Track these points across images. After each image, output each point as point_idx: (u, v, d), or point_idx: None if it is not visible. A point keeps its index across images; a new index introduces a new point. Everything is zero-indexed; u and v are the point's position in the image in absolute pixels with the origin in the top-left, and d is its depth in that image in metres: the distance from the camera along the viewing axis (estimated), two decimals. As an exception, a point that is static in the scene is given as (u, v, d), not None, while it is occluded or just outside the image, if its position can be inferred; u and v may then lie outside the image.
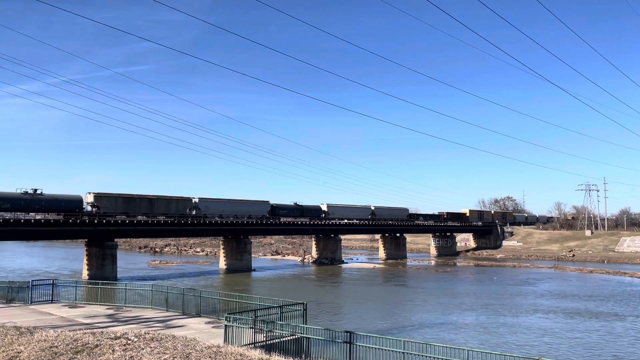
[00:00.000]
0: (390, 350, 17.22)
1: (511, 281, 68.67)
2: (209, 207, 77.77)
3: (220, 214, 79.08)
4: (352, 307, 46.90)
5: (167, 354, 15.55)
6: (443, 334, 34.69)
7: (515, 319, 41.37)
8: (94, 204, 66.25)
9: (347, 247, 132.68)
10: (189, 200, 76.06)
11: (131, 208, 69.22)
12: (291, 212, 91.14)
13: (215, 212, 78.56)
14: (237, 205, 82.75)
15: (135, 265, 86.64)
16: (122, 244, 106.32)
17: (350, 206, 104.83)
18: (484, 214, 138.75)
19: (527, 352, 28.80)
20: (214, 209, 78.59)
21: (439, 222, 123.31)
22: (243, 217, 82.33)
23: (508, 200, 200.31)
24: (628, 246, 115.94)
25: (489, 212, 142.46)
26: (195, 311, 27.61)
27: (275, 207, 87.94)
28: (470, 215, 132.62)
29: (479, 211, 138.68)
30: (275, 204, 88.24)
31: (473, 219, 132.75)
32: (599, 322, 40.40)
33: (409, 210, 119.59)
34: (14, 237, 64.09)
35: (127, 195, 69.81)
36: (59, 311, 29.19)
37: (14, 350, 16.81)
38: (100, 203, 66.41)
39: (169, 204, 73.16)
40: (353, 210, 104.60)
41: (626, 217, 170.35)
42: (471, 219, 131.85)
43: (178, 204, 74.35)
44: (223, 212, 79.51)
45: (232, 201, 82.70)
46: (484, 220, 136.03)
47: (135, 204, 69.66)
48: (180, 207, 74.45)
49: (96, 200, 66.40)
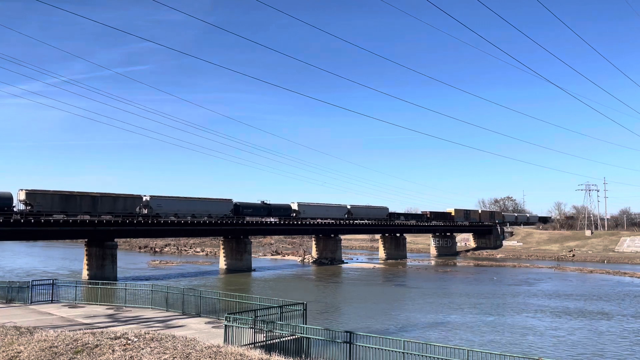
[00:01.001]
0: (390, 350, 17.22)
1: (511, 281, 68.69)
2: (162, 205, 72.90)
3: (175, 213, 74.53)
4: (352, 307, 46.90)
5: (167, 354, 15.55)
6: (441, 334, 34.70)
7: (504, 318, 41.58)
8: (27, 201, 60.89)
9: (347, 247, 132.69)
10: (138, 198, 71.01)
11: (71, 207, 63.79)
12: (257, 211, 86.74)
13: (169, 211, 73.88)
14: (195, 204, 77.89)
15: (135, 265, 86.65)
16: (122, 244, 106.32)
17: (324, 205, 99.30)
18: (470, 213, 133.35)
19: (525, 352, 28.83)
20: (168, 207, 73.80)
21: (421, 222, 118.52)
22: (202, 216, 77.89)
23: (508, 200, 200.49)
24: (628, 246, 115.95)
25: (475, 212, 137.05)
26: (195, 311, 27.60)
27: (239, 206, 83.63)
28: (456, 215, 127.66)
29: (464, 210, 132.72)
30: (239, 203, 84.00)
31: (459, 218, 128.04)
32: (585, 321, 40.75)
33: (388, 209, 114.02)
34: (14, 237, 64.08)
35: (65, 193, 64.40)
36: (58, 311, 29.18)
37: (14, 350, 16.81)
38: (33, 201, 61.00)
39: (115, 202, 68.07)
40: (327, 209, 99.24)
41: (626, 217, 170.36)
42: (456, 219, 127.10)
43: (126, 202, 69.20)
44: (178, 211, 74.98)
45: (188, 199, 77.77)
46: (471, 219, 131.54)
47: (75, 202, 64.31)
48: (129, 206, 69.32)
49: (28, 197, 60.94)
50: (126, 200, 69.46)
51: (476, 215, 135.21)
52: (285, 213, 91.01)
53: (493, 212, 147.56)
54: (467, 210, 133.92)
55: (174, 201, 75.31)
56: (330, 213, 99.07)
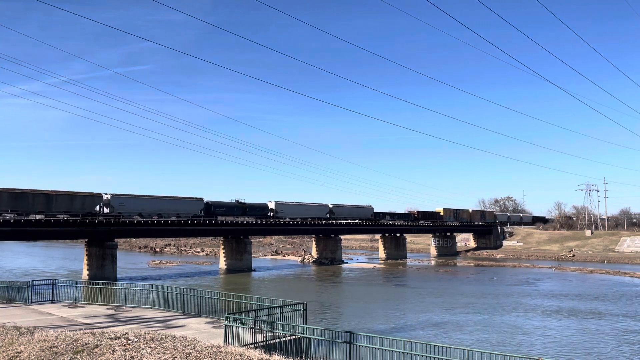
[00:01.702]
0: (390, 350, 17.22)
1: (510, 281, 68.70)
2: (125, 204, 69.34)
3: (139, 213, 71.06)
4: (352, 307, 46.91)
5: (167, 354, 15.55)
6: (440, 333, 34.73)
7: (501, 317, 41.62)
8: None
9: (347, 247, 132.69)
10: (98, 197, 67.26)
11: (22, 205, 60.25)
12: (230, 211, 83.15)
13: (132, 210, 70.40)
14: (162, 203, 74.12)
15: (135, 265, 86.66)
16: (122, 244, 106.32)
17: (303, 204, 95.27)
18: (460, 213, 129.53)
19: (524, 352, 28.83)
20: (131, 206, 70.18)
21: (409, 221, 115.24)
22: (169, 216, 74.51)
23: (508, 200, 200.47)
24: (628, 246, 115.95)
25: (466, 211, 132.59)
26: (195, 311, 27.60)
27: (210, 205, 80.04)
28: (445, 214, 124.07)
29: (454, 210, 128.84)
30: (210, 202, 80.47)
31: (448, 218, 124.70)
32: (576, 321, 40.99)
33: (373, 208, 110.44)
34: (14, 237, 64.09)
35: (15, 191, 60.43)
36: (59, 311, 29.19)
37: (14, 350, 16.81)
38: None
39: (72, 200, 64.15)
40: (307, 208, 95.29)
41: (626, 217, 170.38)
42: (445, 218, 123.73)
43: (84, 201, 65.30)
44: (143, 211, 71.44)
45: (154, 198, 73.83)
46: (461, 219, 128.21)
47: (27, 200, 60.70)
48: (87, 205, 65.69)
49: None
50: (84, 198, 65.62)
51: (466, 214, 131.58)
52: (262, 212, 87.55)
53: (484, 211, 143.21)
54: (457, 209, 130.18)
55: (138, 200, 71.51)
56: (310, 212, 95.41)
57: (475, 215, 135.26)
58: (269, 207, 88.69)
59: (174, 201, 76.14)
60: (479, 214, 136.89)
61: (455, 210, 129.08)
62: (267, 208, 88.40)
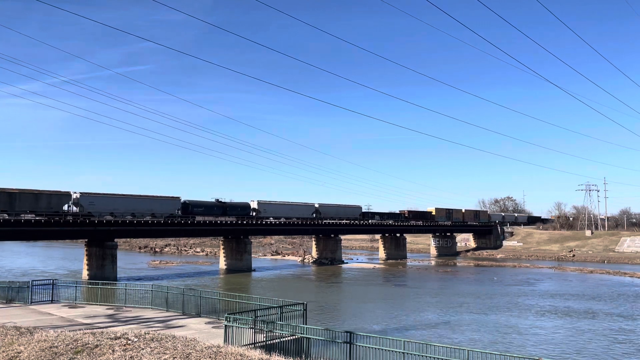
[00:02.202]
0: (390, 351, 17.22)
1: (510, 281, 68.68)
2: (95, 203, 66.41)
3: (111, 212, 68.42)
4: (352, 307, 46.89)
5: (167, 354, 15.55)
6: (440, 333, 34.74)
7: (497, 317, 41.57)
8: None
9: (347, 247, 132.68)
10: (66, 196, 64.54)
11: None
12: (210, 210, 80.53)
13: (103, 209, 67.48)
14: (135, 202, 71.33)
15: (135, 265, 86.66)
16: (122, 244, 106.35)
17: (287, 203, 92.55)
18: (453, 213, 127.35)
19: (524, 353, 28.85)
20: (102, 206, 67.23)
21: (399, 221, 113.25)
22: (144, 216, 71.55)
23: (508, 200, 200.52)
24: (628, 246, 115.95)
25: (458, 211, 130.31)
26: (195, 311, 27.60)
27: (188, 204, 77.50)
28: (437, 214, 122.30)
29: (446, 209, 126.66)
30: (188, 201, 77.98)
31: (440, 217, 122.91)
32: (570, 320, 41.14)
33: (361, 207, 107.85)
34: (14, 237, 64.11)
35: None
36: (59, 311, 29.19)
37: (14, 350, 16.81)
38: None
39: (37, 199, 61.63)
40: (292, 208, 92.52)
41: (626, 217, 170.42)
42: (437, 218, 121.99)
43: (51, 200, 62.52)
44: (115, 210, 68.82)
45: (127, 197, 71.16)
46: (454, 219, 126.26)
47: None
48: (54, 204, 62.97)
49: None
50: (51, 197, 62.77)
51: (459, 214, 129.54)
52: (244, 212, 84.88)
53: (478, 211, 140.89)
54: (450, 209, 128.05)
55: (109, 199, 68.66)
56: (295, 212, 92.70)
57: (469, 215, 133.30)
58: (251, 207, 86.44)
59: (148, 200, 73.15)
60: (472, 214, 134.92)
61: (448, 209, 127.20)
62: (249, 208, 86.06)
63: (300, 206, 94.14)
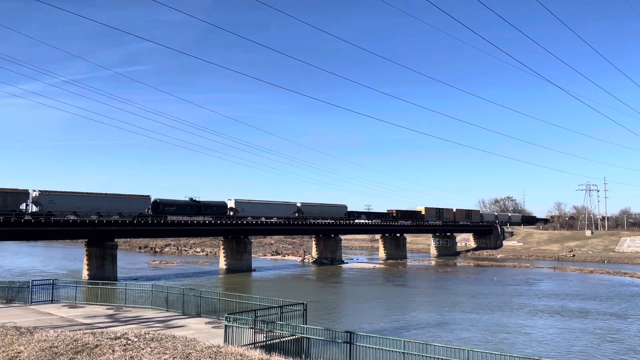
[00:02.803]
0: (390, 350, 17.22)
1: (510, 281, 68.68)
2: (56, 201, 63.31)
3: (74, 211, 65.13)
4: (352, 307, 46.90)
5: (167, 354, 15.55)
6: (441, 334, 34.76)
7: (490, 316, 41.64)
8: None
9: (347, 247, 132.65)
10: (24, 194, 61.71)
11: None
12: (182, 209, 77.40)
13: (65, 208, 64.30)
14: (100, 201, 67.80)
15: (135, 265, 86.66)
16: (122, 244, 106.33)
17: (267, 202, 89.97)
18: (443, 212, 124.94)
19: (524, 353, 28.86)
20: (63, 205, 64.03)
21: (387, 221, 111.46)
22: (110, 215, 68.33)
23: (508, 200, 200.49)
24: (628, 246, 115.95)
25: (449, 210, 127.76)
26: (195, 311, 27.60)
27: (159, 203, 74.17)
28: (427, 214, 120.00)
29: (436, 209, 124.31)
30: (159, 200, 74.67)
31: (430, 217, 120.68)
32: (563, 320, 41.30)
33: (347, 207, 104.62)
34: (14, 237, 64.10)
35: None
36: (59, 311, 29.18)
37: (14, 350, 16.81)
38: None
39: None
40: (271, 207, 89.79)
41: (626, 217, 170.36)
42: (427, 218, 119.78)
43: (6, 198, 59.54)
44: (78, 209, 65.43)
45: (91, 195, 67.71)
46: (444, 219, 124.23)
47: None
48: (10, 203, 60.04)
49: None
50: (6, 195, 59.82)
51: (450, 214, 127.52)
52: (220, 211, 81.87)
53: (469, 211, 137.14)
54: (440, 208, 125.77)
55: (71, 197, 65.29)
56: (275, 211, 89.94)
57: (460, 214, 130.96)
58: (228, 206, 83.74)
59: (115, 199, 69.70)
60: (463, 213, 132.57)
61: (438, 209, 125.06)
62: (225, 207, 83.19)
63: (281, 205, 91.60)
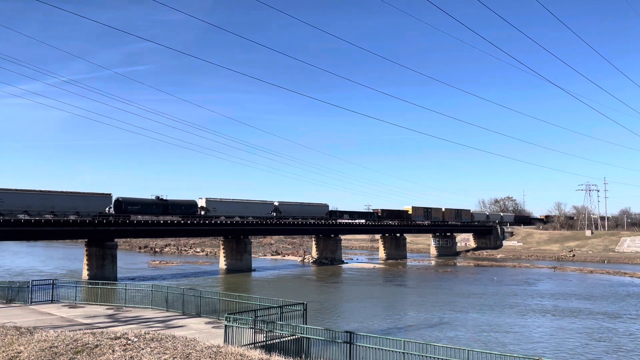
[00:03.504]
0: (390, 351, 17.21)
1: (510, 281, 68.68)
2: (4, 200, 59.96)
3: (25, 211, 62.01)
4: (352, 307, 46.90)
5: (167, 354, 15.55)
6: (441, 334, 34.77)
7: (485, 316, 41.66)
8: None
9: (347, 247, 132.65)
10: None
11: None
12: (148, 209, 74.06)
13: (15, 207, 61.20)
14: (54, 199, 64.32)
15: (135, 266, 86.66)
16: (122, 244, 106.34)
17: (241, 201, 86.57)
18: (431, 212, 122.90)
19: (524, 353, 28.86)
20: (13, 204, 60.93)
21: (372, 220, 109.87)
22: (67, 214, 65.17)
23: (508, 200, 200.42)
24: (628, 246, 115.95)
25: (438, 210, 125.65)
26: (195, 311, 27.59)
27: (122, 202, 70.67)
28: (414, 213, 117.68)
29: (424, 208, 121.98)
30: (122, 198, 71.04)
31: (417, 216, 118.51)
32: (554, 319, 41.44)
33: (328, 206, 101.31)
34: (14, 237, 64.07)
35: None
36: (59, 311, 29.18)
37: (14, 350, 16.81)
38: None
39: None
40: (247, 206, 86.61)
41: (626, 217, 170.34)
42: (414, 217, 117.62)
43: None
44: (30, 208, 62.16)
45: (44, 193, 64.27)
46: (433, 218, 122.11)
47: None
48: None
49: None
50: None
51: (439, 213, 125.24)
52: (189, 210, 78.77)
53: (459, 210, 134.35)
54: (428, 208, 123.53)
55: (22, 195, 62.07)
56: (250, 211, 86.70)
57: (449, 213, 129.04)
58: (199, 205, 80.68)
59: (71, 197, 66.12)
60: (453, 213, 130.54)
61: (426, 208, 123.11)
62: (195, 206, 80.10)
63: (257, 204, 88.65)
